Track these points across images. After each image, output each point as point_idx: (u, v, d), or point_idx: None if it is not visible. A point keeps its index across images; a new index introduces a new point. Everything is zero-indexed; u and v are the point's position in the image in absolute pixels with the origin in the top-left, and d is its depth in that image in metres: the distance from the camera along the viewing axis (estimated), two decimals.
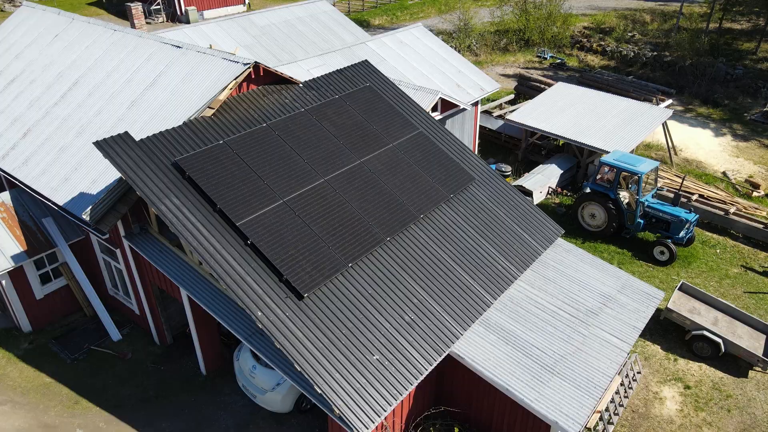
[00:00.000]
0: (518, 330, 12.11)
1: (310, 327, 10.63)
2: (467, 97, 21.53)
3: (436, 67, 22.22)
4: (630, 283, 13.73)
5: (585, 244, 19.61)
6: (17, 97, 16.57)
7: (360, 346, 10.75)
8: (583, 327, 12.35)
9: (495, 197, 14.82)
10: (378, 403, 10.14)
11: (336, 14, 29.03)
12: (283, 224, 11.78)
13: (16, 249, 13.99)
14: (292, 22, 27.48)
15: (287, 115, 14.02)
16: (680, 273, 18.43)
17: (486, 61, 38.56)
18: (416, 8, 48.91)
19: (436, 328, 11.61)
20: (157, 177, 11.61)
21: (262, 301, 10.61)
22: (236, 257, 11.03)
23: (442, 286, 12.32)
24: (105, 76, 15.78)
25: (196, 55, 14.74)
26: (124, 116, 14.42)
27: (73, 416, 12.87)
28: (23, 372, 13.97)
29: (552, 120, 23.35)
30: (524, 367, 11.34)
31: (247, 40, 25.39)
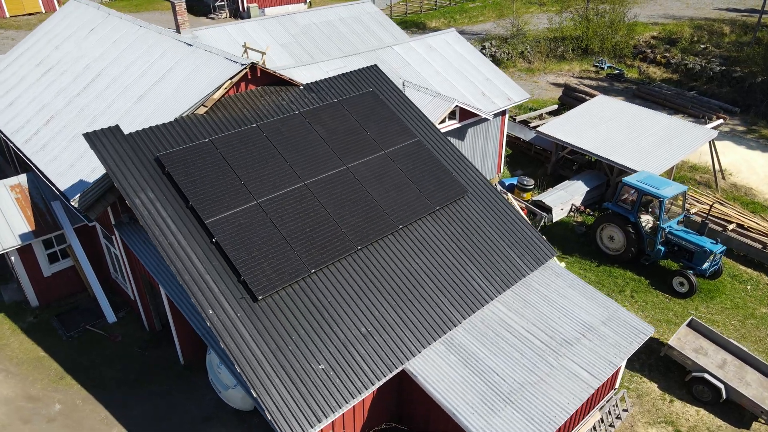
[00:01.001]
0: (481, 353, 11.66)
1: (259, 330, 10.70)
2: (491, 107, 20.93)
3: (462, 74, 21.75)
4: (618, 314, 12.90)
5: (599, 267, 18.63)
6: (49, 86, 17.68)
7: (308, 353, 10.71)
8: (553, 357, 11.72)
9: (487, 213, 14.33)
10: (314, 414, 10.06)
11: (379, 16, 29.05)
12: (252, 225, 11.92)
13: (25, 228, 14.94)
14: (333, 22, 27.74)
15: (280, 116, 14.16)
16: (699, 307, 17.13)
17: (539, 68, 37.39)
18: (476, 11, 48.10)
19: (393, 343, 11.38)
20: (137, 171, 12.04)
21: (216, 300, 10.78)
22: (199, 254, 11.27)
23: (408, 301, 12.05)
24: (123, 69, 16.54)
25: (203, 54, 15.16)
26: (131, 109, 15.06)
27: (56, 391, 13.60)
28: (23, 344, 14.92)
29: (584, 134, 22.32)
30: (478, 392, 10.90)
31: (286, 39, 25.85)
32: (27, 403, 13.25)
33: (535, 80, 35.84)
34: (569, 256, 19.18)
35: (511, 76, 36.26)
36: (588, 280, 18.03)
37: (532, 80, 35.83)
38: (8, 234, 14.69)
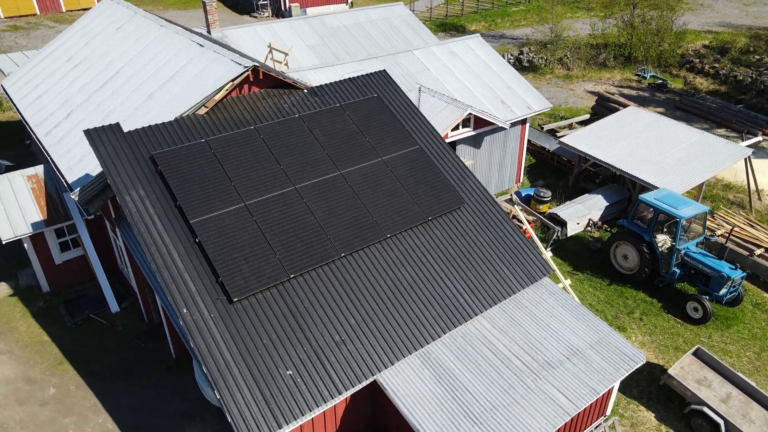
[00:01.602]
0: (457, 369, 11.41)
1: (231, 331, 10.81)
2: (509, 115, 20.47)
3: (482, 81, 21.36)
4: (609, 339, 12.36)
5: (610, 286, 17.94)
6: (74, 81, 18.42)
7: (277, 358, 10.74)
8: (532, 379, 11.34)
9: (483, 226, 14.01)
10: (275, 419, 10.09)
11: (411, 19, 28.91)
12: (236, 227, 12.05)
13: (38, 217, 15.62)
14: (363, 24, 27.78)
15: (279, 119, 14.27)
16: (713, 335, 16.25)
17: (577, 75, 36.36)
18: (518, 15, 47.19)
19: (366, 353, 11.28)
20: (131, 168, 12.37)
21: (192, 299, 10.96)
22: (181, 253, 11.48)
23: (387, 311, 11.92)
24: (140, 67, 17.04)
25: (211, 54, 15.45)
26: (141, 106, 15.49)
27: (53, 375, 14.16)
28: (30, 327, 15.60)
29: (608, 146, 21.55)
30: (447, 410, 10.67)
31: (314, 41, 26.05)
32: (25, 385, 13.85)
33: (571, 88, 34.88)
34: (580, 272, 18.55)
35: (548, 83, 35.43)
36: (596, 298, 17.41)
37: (568, 87, 34.89)
38: (21, 222, 15.39)
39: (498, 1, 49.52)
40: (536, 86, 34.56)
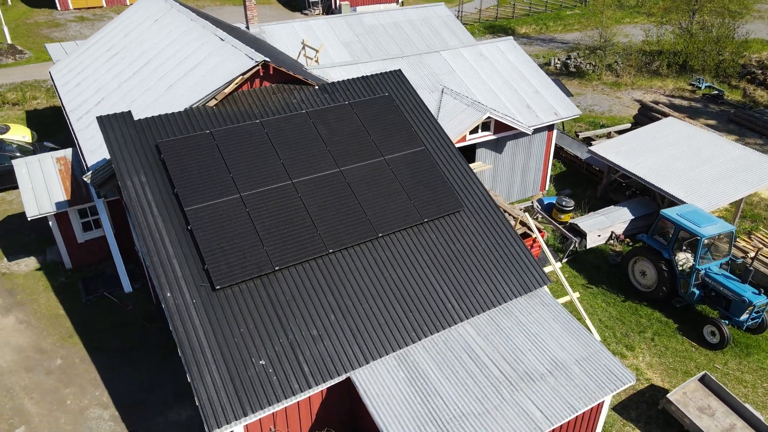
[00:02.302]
0: (433, 374, 11.27)
1: (210, 318, 11.10)
2: (533, 121, 19.98)
3: (510, 85, 20.94)
4: (598, 356, 11.89)
5: (625, 303, 17.24)
6: (109, 70, 19.34)
7: (252, 348, 10.95)
8: (509, 390, 11.07)
9: (481, 231, 13.77)
10: (242, 407, 10.29)
11: (450, 20, 28.72)
12: (229, 217, 12.35)
13: (62, 197, 16.52)
14: (400, 24, 27.80)
15: (285, 114, 14.50)
16: (729, 362, 15.36)
17: (626, 83, 35.05)
18: (572, 19, 45.88)
19: (342, 349, 11.32)
20: (136, 155, 12.90)
21: (177, 284, 11.32)
22: (172, 239, 11.87)
23: (369, 310, 11.92)
24: (166, 58, 17.71)
25: (229, 49, 15.86)
26: (162, 96, 16.10)
27: (62, 348, 14.96)
28: (49, 300, 16.53)
29: (640, 158, 20.70)
30: (415, 414, 10.57)
31: (349, 38, 26.29)
32: (35, 354, 14.69)
33: (618, 95, 33.65)
34: (595, 286, 17.92)
35: (593, 89, 34.33)
36: (608, 314, 16.76)
37: (614, 95, 33.69)
38: (46, 200, 16.31)
39: (552, 4, 48.30)
40: (580, 93, 33.58)
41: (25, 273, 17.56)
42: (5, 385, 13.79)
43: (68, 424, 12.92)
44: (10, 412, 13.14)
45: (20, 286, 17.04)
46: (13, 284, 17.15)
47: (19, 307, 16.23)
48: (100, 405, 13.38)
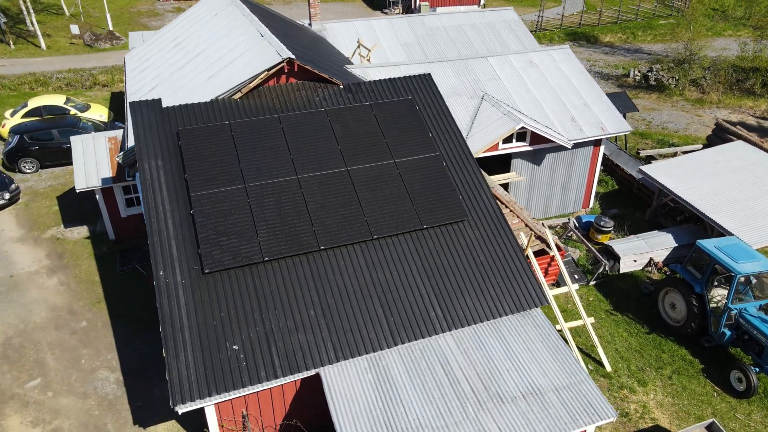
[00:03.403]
0: (401, 381, 11.22)
1: (195, 299, 11.69)
2: (576, 134, 19.12)
3: (556, 95, 20.15)
4: (581, 387, 11.30)
5: (650, 335, 16.18)
6: (168, 59, 20.69)
7: (228, 332, 11.42)
8: (474, 408, 10.80)
9: (483, 244, 13.47)
10: (208, 387, 10.77)
11: (516, 25, 28.06)
12: (230, 205, 12.91)
13: (108, 174, 17.93)
14: (463, 27, 27.53)
15: (304, 111, 14.88)
16: (753, 413, 14.04)
17: (712, 100, 32.58)
18: (664, 29, 43.11)
19: (315, 345, 11.53)
20: (158, 140, 13.78)
21: (171, 264, 12.02)
22: (175, 221, 12.60)
23: (350, 309, 12.04)
24: (214, 51, 18.68)
25: (265, 45, 16.48)
26: (200, 86, 17.01)
27: (90, 311, 16.29)
28: (89, 267, 18.02)
29: (694, 182, 19.27)
30: (374, 419, 10.59)
31: (409, 39, 26.40)
32: (66, 315, 16.11)
33: (699, 113, 31.35)
34: (620, 314, 16.93)
35: (672, 105, 32.21)
36: (626, 345, 15.80)
37: (695, 113, 31.41)
38: (94, 176, 17.79)
39: (644, 12, 45.62)
40: (656, 108, 31.62)
41: (75, 240, 19.23)
42: (34, 339, 15.25)
43: (78, 381, 14.08)
44: (32, 363, 14.53)
45: (69, 251, 18.70)
46: (63, 249, 18.85)
47: (63, 270, 17.83)
48: (108, 368, 14.47)
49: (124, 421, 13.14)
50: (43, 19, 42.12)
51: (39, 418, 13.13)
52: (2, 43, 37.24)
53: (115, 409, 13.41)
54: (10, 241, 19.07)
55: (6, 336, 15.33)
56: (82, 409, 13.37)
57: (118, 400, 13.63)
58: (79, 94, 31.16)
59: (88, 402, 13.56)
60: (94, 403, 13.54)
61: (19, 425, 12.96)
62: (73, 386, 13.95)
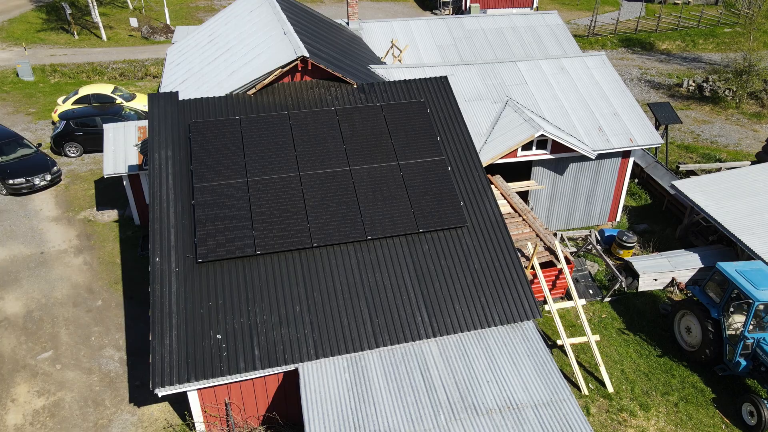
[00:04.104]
0: (378, 383, 11.19)
1: (186, 287, 12.05)
2: (602, 144, 18.44)
3: (585, 103, 19.49)
4: (561, 405, 10.93)
5: (661, 359, 15.45)
6: (201, 54, 21.37)
7: (214, 321, 11.72)
8: (447, 418, 10.64)
9: (479, 252, 13.23)
10: (188, 373, 11.10)
11: (559, 29, 27.37)
12: (231, 198, 13.24)
13: (135, 162, 18.72)
14: (503, 30, 27.10)
15: (313, 109, 15.04)
16: None
17: None
18: (728, 37, 40.81)
19: (296, 340, 11.67)
20: (170, 131, 14.28)
21: (168, 251, 12.45)
22: (177, 211, 13.04)
23: (335, 308, 12.11)
24: (242, 47, 19.15)
25: (286, 43, 16.75)
26: (223, 81, 17.48)
27: (107, 291, 17.07)
28: (113, 249, 18.89)
29: (729, 201, 18.22)
30: (344, 419, 10.61)
31: (446, 41, 26.23)
32: (84, 293, 16.96)
33: (755, 128, 29.57)
34: (632, 333, 16.24)
35: (726, 118, 30.53)
36: (634, 366, 15.15)
37: (751, 127, 29.65)
38: (122, 163, 18.62)
39: (707, 19, 43.37)
40: (708, 121, 30.06)
41: (104, 223, 20.19)
42: (53, 314, 16.14)
43: (85, 357, 14.80)
44: (47, 336, 15.38)
45: (97, 233, 19.66)
46: (93, 230, 19.83)
47: (89, 251, 18.77)
48: (115, 347, 15.13)
49: (121, 399, 13.71)
50: (108, 11, 44.35)
51: (45, 388, 13.90)
52: (67, 33, 39.49)
53: (115, 387, 14.01)
54: (47, 220, 20.24)
55: (28, 309, 16.29)
56: (85, 384, 14.04)
57: (118, 378, 14.23)
58: (130, 84, 32.64)
59: (91, 377, 14.23)
60: (97, 379, 14.20)
61: (26, 394, 13.76)
62: (80, 361, 14.68)
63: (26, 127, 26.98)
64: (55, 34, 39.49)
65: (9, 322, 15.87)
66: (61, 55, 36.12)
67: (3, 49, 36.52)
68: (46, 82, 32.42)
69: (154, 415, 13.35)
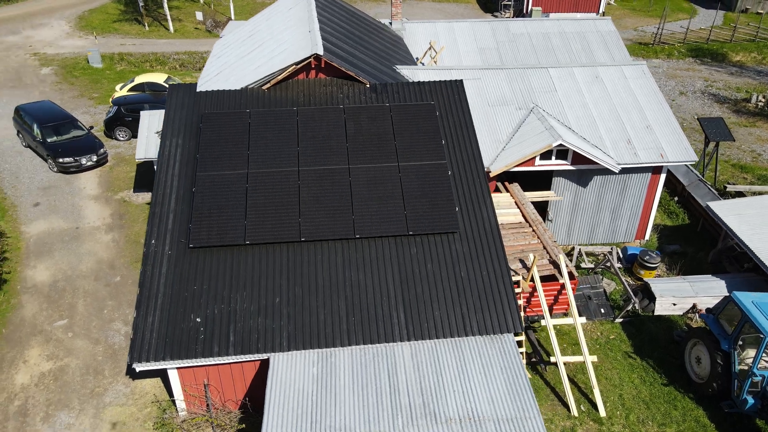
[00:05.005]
0: (343, 381, 11.27)
1: (175, 270, 12.59)
2: (629, 158, 17.58)
3: (617, 114, 18.64)
4: (524, 423, 10.59)
5: (666, 388, 14.64)
6: (239, 48, 22.11)
7: (196, 304, 12.18)
8: (404, 423, 10.57)
9: (467, 259, 13.02)
10: (163, 352, 11.60)
11: (610, 36, 26.34)
12: (229, 188, 13.69)
13: None
14: (550, 35, 26.40)
15: (322, 106, 15.26)
16: None
17: None
18: None
19: (270, 331, 11.93)
20: (184, 120, 14.94)
21: (163, 235, 13.05)
22: (178, 197, 13.63)
23: (314, 303, 12.28)
24: (272, 43, 19.67)
25: (307, 40, 17.07)
26: (246, 75, 18.04)
27: (126, 269, 18.05)
28: (140, 230, 19.92)
29: (765, 228, 16.94)
30: (303, 411, 10.77)
31: (488, 44, 25.86)
32: (106, 268, 18.03)
33: None
34: (639, 358, 15.44)
35: None
36: (634, 393, 14.41)
37: None
38: (153, 148, 19.62)
39: None
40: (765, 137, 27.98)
41: (138, 204, 21.34)
42: (75, 285, 17.27)
43: (96, 328, 15.76)
44: (66, 306, 16.49)
45: (129, 213, 20.82)
46: (126, 210, 21.02)
47: (119, 230, 19.92)
48: (123, 321, 16.01)
49: (119, 371, 14.51)
50: (180, 5, 46.60)
51: (54, 354, 14.92)
52: (139, 25, 41.87)
53: (116, 359, 14.83)
54: (87, 198, 21.63)
55: (55, 279, 17.52)
56: (90, 353, 14.96)
57: (121, 351, 15.06)
58: (187, 74, 34.20)
59: (97, 348, 15.14)
60: (102, 349, 15.08)
61: (37, 357, 14.82)
62: (90, 331, 15.64)
63: (86, 110, 28.90)
64: (128, 24, 41.96)
65: (36, 289, 17.13)
66: (129, 44, 38.36)
67: (80, 37, 39.22)
68: (112, 69, 34.54)
69: (145, 389, 14.04)
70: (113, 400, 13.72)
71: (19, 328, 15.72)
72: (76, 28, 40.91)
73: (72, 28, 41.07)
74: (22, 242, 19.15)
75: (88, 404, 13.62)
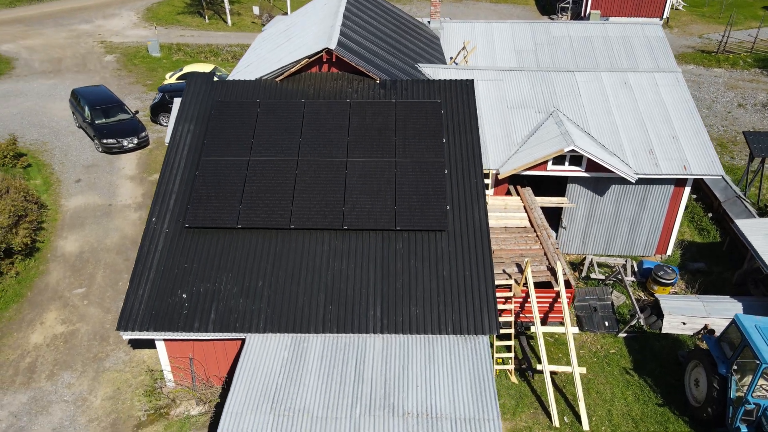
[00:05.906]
0: (311, 366, 11.55)
1: (170, 247, 13.26)
2: (649, 169, 16.86)
3: (642, 122, 17.91)
4: (482, 425, 10.49)
5: (660, 409, 14.06)
6: (272, 42, 22.81)
7: (185, 281, 12.79)
8: (361, 412, 10.72)
9: (452, 258, 12.98)
10: (148, 323, 12.27)
11: (657, 42, 25.31)
12: (230, 173, 14.24)
13: None
14: (592, 38, 25.65)
15: (330, 99, 15.57)
16: None
17: None
18: None
19: (249, 312, 12.36)
20: (197, 107, 15.65)
21: (164, 213, 13.77)
22: (183, 179, 14.32)
23: (295, 288, 12.62)
24: (300, 37, 20.19)
25: (326, 36, 17.43)
26: (269, 67, 18.63)
27: None
28: None
29: None
30: (266, 391, 11.13)
31: (526, 46, 25.45)
32: (129, 244, 19.11)
33: None
34: (638, 375, 14.87)
35: None
36: (625, 410, 13.91)
37: None
38: None
39: None
40: None
41: None
42: (98, 257, 18.44)
43: (110, 298, 16.79)
44: (87, 275, 17.65)
45: None
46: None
47: (146, 209, 21.04)
48: None
49: (122, 339, 15.41)
50: None
51: (68, 318, 16.03)
52: (200, 17, 43.77)
53: None
54: (124, 178, 22.97)
55: (81, 250, 18.76)
56: (100, 321, 15.96)
57: None
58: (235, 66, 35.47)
59: (107, 317, 16.13)
60: (111, 318, 16.06)
61: (53, 320, 15.97)
62: (104, 301, 16.68)
63: (138, 96, 30.59)
64: (191, 17, 43.94)
65: (64, 258, 18.42)
66: (188, 36, 40.19)
67: (145, 27, 41.46)
68: (169, 58, 36.32)
69: (143, 359, 14.85)
70: (112, 366, 14.60)
71: (43, 293, 16.97)
72: (143, 19, 43.26)
73: (139, 18, 43.46)
74: (59, 215, 20.59)
75: (90, 367, 14.57)
